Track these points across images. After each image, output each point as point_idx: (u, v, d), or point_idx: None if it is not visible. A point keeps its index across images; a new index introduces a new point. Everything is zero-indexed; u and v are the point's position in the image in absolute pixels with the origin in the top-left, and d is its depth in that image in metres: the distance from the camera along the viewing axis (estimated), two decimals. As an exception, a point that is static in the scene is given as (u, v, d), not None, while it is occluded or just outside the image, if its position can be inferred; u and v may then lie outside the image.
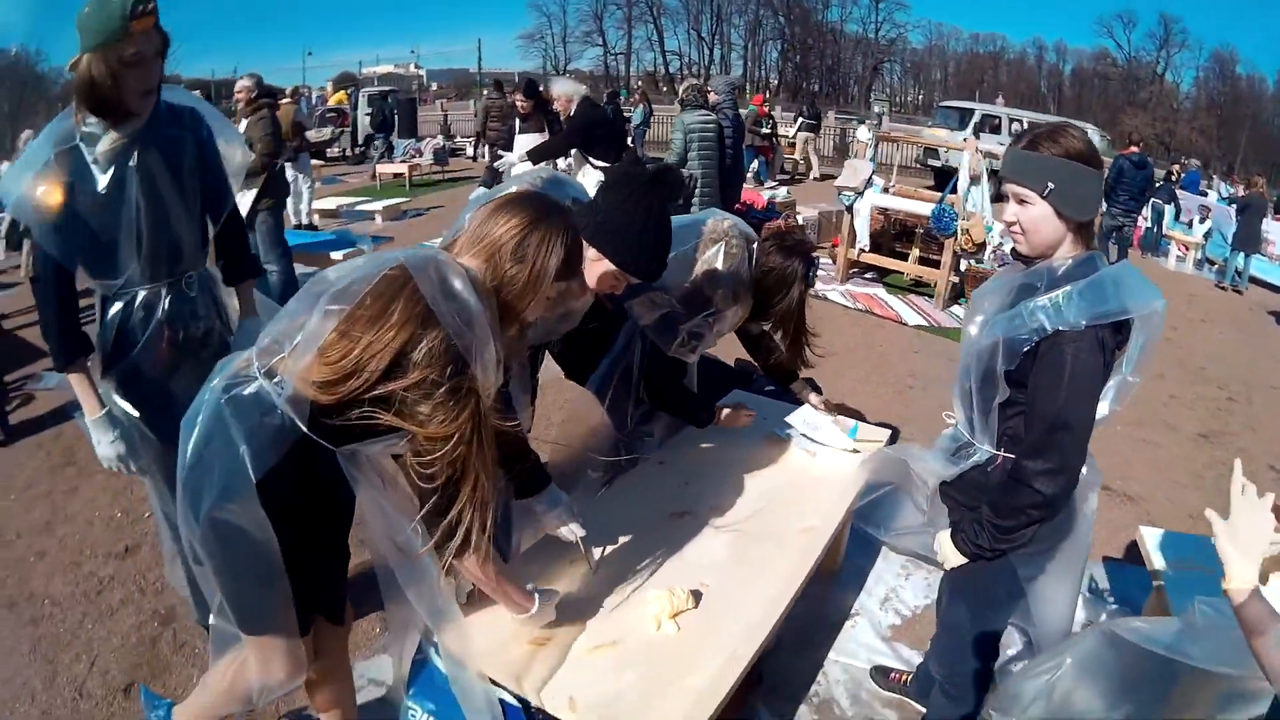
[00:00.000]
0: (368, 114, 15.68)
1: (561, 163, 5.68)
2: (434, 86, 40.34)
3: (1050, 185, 1.40)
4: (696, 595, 1.69)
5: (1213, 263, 10.55)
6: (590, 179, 5.13)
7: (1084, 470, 1.49)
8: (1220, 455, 4.20)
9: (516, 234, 1.29)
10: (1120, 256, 8.47)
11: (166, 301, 1.82)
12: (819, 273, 2.37)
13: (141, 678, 2.16)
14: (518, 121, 5.55)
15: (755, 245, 2.25)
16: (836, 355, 2.46)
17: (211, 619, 1.41)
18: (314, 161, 9.15)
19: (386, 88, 17.29)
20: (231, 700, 1.56)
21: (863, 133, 7.42)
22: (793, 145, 14.77)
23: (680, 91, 6.11)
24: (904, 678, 2.22)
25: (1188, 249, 10.92)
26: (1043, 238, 1.46)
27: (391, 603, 1.58)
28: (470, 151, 16.00)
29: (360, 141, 15.84)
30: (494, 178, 5.56)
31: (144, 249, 1.74)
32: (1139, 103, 41.73)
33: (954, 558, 1.62)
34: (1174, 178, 12.60)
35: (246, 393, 1.25)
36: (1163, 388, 5.10)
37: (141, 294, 1.79)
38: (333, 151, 14.92)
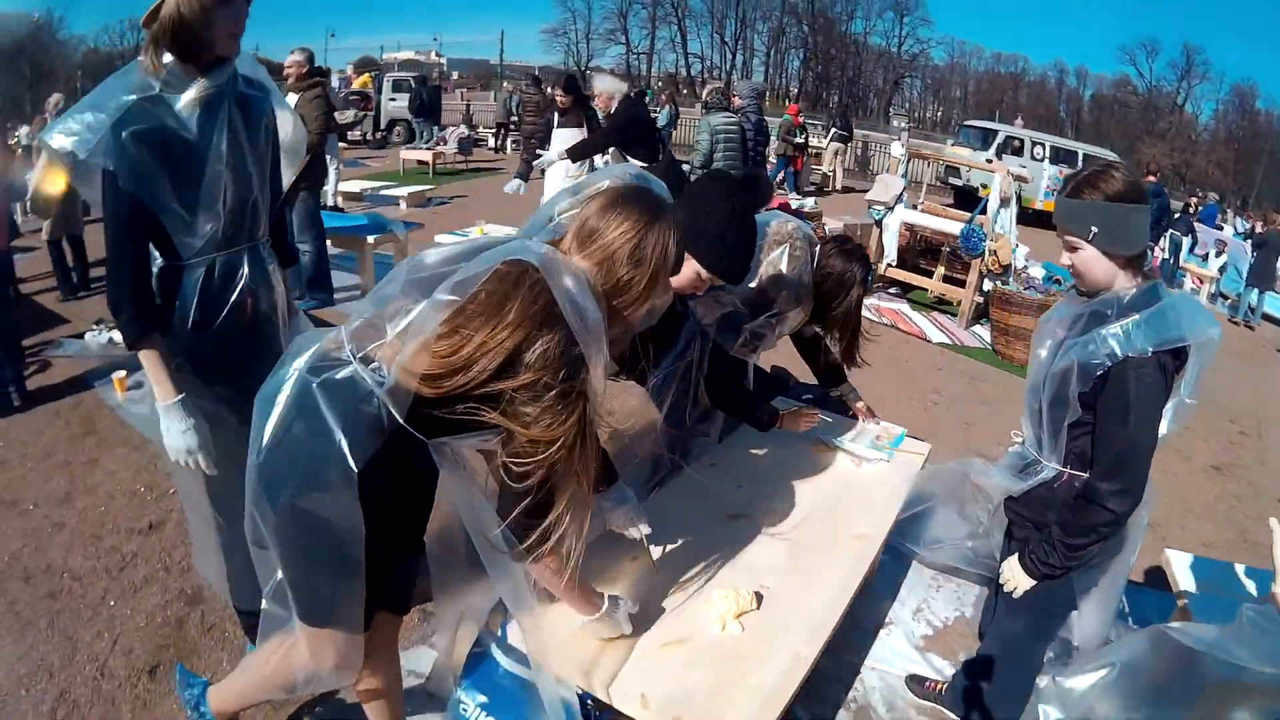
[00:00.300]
0: (393, 99, 15.66)
1: (599, 160, 5.66)
2: (454, 75, 40.29)
3: (1094, 229, 1.51)
4: (759, 597, 1.70)
5: (1226, 297, 10.53)
6: None
7: None
8: (1232, 488, 4.26)
9: (632, 238, 1.25)
10: None
11: (246, 267, 1.71)
12: None
13: (167, 659, 2.09)
14: (556, 116, 5.49)
15: (817, 249, 2.27)
16: (861, 368, 2.58)
17: (264, 603, 1.36)
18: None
19: (414, 73, 17.25)
20: (272, 687, 1.51)
21: (896, 148, 7.39)
22: (818, 156, 14.67)
23: (704, 94, 6.21)
24: (939, 687, 2.25)
25: (1202, 282, 10.90)
26: (1096, 277, 1.56)
27: (443, 594, 1.55)
28: (492, 143, 15.99)
29: (383, 126, 15.80)
30: (529, 170, 5.51)
31: (227, 208, 1.63)
32: (1157, 132, 41.56)
33: (1025, 582, 1.67)
34: (1192, 210, 12.58)
35: (339, 377, 1.19)
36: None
37: (220, 259, 1.67)
38: (354, 135, 14.88)
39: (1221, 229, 13.36)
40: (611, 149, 5.10)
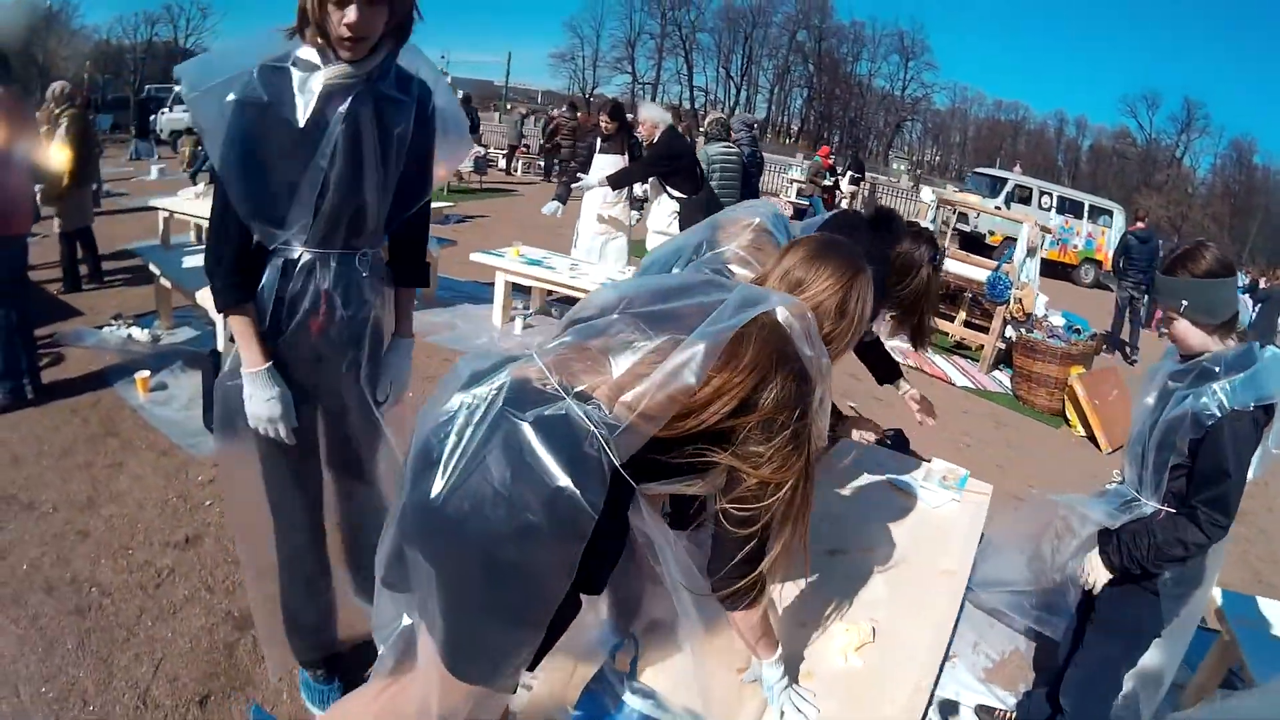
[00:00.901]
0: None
1: (638, 189, 5.61)
2: (460, 95, 40.51)
3: (1185, 303, 1.73)
4: (873, 630, 1.75)
5: (1227, 349, 10.63)
6: (666, 208, 5.10)
7: None
8: (1243, 531, 4.34)
9: (837, 292, 1.31)
10: (1134, 330, 8.83)
11: (332, 270, 1.56)
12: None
13: (219, 689, 1.95)
14: (598, 141, 5.45)
15: None
16: (893, 408, 2.57)
17: (381, 649, 1.24)
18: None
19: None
20: None
21: (926, 194, 7.44)
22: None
23: (704, 124, 6.33)
24: (1007, 715, 2.37)
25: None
26: (1191, 343, 1.78)
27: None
28: (503, 164, 15.97)
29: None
30: (568, 193, 5.46)
31: (325, 207, 1.49)
32: (1154, 184, 42.10)
33: (1103, 575, 1.86)
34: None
35: (549, 413, 1.06)
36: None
37: (305, 256, 1.53)
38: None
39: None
40: (651, 179, 5.07)
